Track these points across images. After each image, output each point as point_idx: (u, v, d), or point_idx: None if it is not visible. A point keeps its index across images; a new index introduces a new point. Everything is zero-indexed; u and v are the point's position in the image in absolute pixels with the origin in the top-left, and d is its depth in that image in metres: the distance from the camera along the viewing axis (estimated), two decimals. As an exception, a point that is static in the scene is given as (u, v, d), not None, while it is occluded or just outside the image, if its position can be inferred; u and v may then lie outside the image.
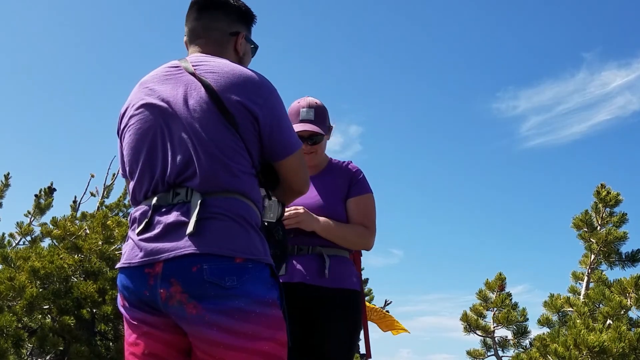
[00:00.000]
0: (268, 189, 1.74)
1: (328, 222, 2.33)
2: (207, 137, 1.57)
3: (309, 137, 2.39)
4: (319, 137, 2.42)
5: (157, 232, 1.55)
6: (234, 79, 1.62)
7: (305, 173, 1.80)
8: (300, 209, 2.27)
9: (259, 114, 1.61)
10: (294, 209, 2.25)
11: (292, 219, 2.22)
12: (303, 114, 2.40)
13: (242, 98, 1.60)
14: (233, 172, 1.58)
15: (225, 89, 1.60)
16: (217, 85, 1.60)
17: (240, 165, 1.59)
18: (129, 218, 1.69)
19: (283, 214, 1.80)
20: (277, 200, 1.76)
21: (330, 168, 2.51)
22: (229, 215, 1.54)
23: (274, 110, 1.66)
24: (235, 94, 1.60)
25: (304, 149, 2.29)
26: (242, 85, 1.62)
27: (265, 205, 1.72)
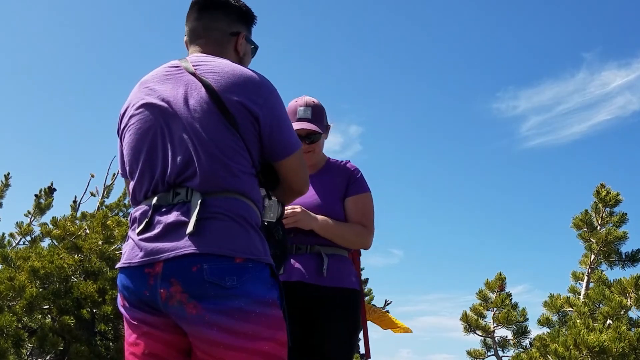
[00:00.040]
0: (268, 189, 1.74)
1: (326, 220, 2.33)
2: (207, 137, 1.57)
3: (307, 135, 2.39)
4: (317, 136, 2.42)
5: (157, 232, 1.55)
6: (235, 79, 1.62)
7: (305, 173, 1.80)
8: (298, 208, 2.27)
9: (260, 114, 1.61)
10: (291, 208, 2.25)
11: (289, 219, 2.22)
12: (300, 113, 2.40)
13: (242, 98, 1.60)
14: (233, 172, 1.58)
15: (226, 89, 1.60)
16: (217, 85, 1.60)
17: (241, 165, 1.59)
18: (129, 218, 1.69)
19: (283, 214, 1.80)
20: (277, 200, 1.76)
21: (328, 167, 2.51)
22: (229, 215, 1.54)
23: (274, 110, 1.66)
24: (236, 94, 1.60)
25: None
26: (242, 85, 1.61)
27: (265, 205, 1.72)
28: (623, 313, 5.42)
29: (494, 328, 7.18)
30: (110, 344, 4.76)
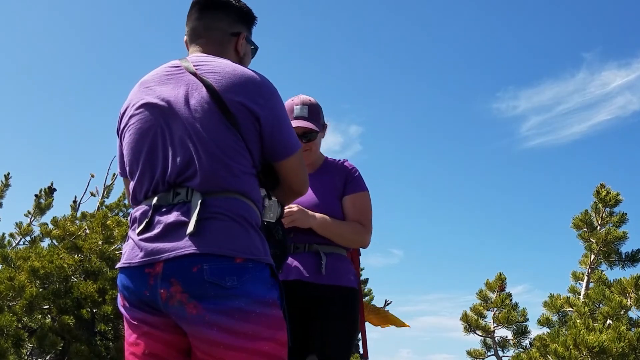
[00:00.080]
0: (268, 189, 1.74)
1: (325, 218, 2.32)
2: (208, 136, 1.56)
3: (303, 134, 2.38)
4: (313, 134, 2.41)
5: (157, 232, 1.55)
6: (236, 79, 1.62)
7: (305, 174, 1.80)
8: (294, 207, 2.26)
9: (261, 114, 1.61)
10: (288, 208, 2.25)
11: (286, 218, 2.21)
12: (297, 111, 2.40)
13: (243, 98, 1.60)
14: (234, 172, 1.58)
15: (227, 89, 1.60)
16: (218, 86, 1.60)
17: (241, 166, 1.59)
18: (129, 218, 1.69)
19: (282, 214, 1.80)
20: (277, 201, 1.76)
21: (326, 166, 2.51)
22: (229, 215, 1.54)
23: (275, 111, 1.66)
24: (237, 94, 1.59)
25: None
26: (243, 86, 1.61)
27: (265, 205, 1.72)
28: (623, 313, 5.42)
29: (494, 328, 7.18)
30: (110, 344, 4.76)
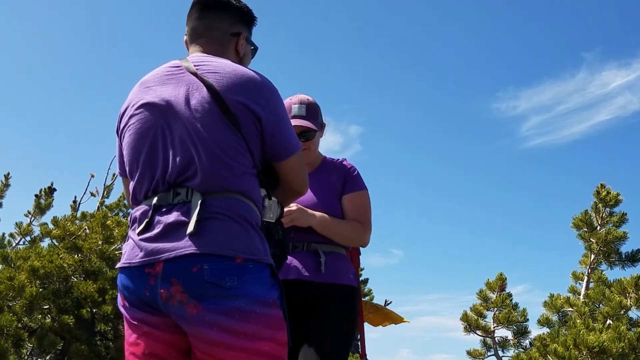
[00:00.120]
0: (268, 189, 1.74)
1: (325, 217, 2.32)
2: (208, 136, 1.56)
3: (301, 133, 2.37)
4: (312, 133, 2.41)
5: (157, 232, 1.55)
6: (236, 80, 1.62)
7: (305, 174, 1.80)
8: (293, 207, 2.26)
9: (262, 115, 1.61)
10: (287, 207, 2.25)
11: (285, 217, 2.21)
12: (295, 110, 2.40)
13: (244, 98, 1.60)
14: (234, 172, 1.58)
15: (228, 90, 1.60)
16: (219, 86, 1.60)
17: (242, 166, 1.59)
18: (129, 218, 1.68)
19: (282, 214, 1.80)
20: (276, 201, 1.76)
21: (325, 165, 2.51)
22: (229, 215, 1.54)
23: (276, 111, 1.66)
24: (238, 95, 1.59)
25: None
26: (244, 86, 1.61)
27: (265, 205, 1.72)
28: (623, 313, 5.43)
29: (494, 328, 7.18)
30: (110, 344, 4.76)
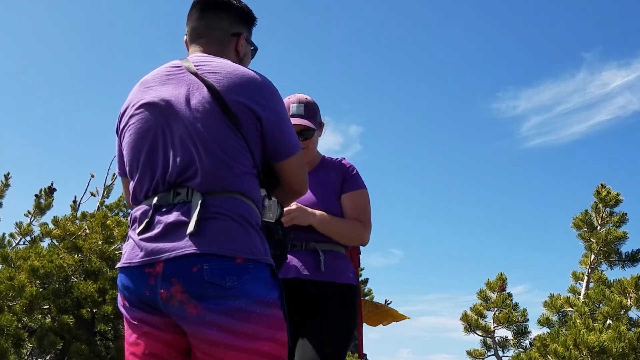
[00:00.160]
0: (268, 189, 1.74)
1: (324, 215, 2.32)
2: (209, 136, 1.56)
3: (300, 132, 2.36)
4: (310, 132, 2.41)
5: (157, 231, 1.55)
6: (237, 80, 1.62)
7: (305, 174, 1.80)
8: (293, 206, 2.25)
9: (262, 115, 1.61)
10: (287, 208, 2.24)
11: (285, 217, 2.21)
12: (293, 109, 2.40)
13: (245, 99, 1.60)
14: (234, 172, 1.58)
15: (228, 90, 1.59)
16: (219, 86, 1.60)
17: (242, 165, 1.59)
18: (130, 217, 1.68)
19: (282, 215, 1.80)
20: (276, 201, 1.76)
21: (323, 165, 2.50)
22: (230, 215, 1.54)
23: (277, 111, 1.66)
24: (238, 95, 1.59)
25: None
26: (244, 86, 1.61)
27: (265, 205, 1.72)
28: (623, 313, 5.43)
29: (494, 328, 7.18)
30: (110, 344, 4.76)
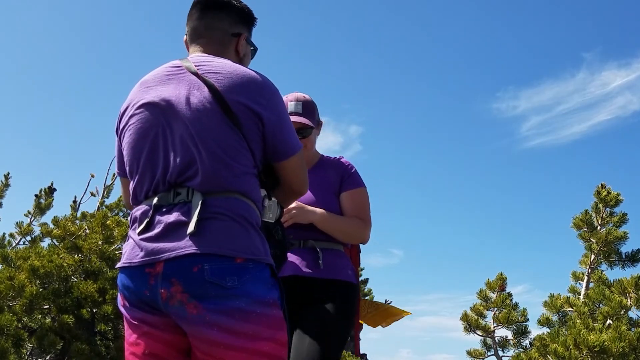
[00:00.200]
0: (268, 189, 1.74)
1: (325, 213, 2.32)
2: (209, 136, 1.56)
3: (298, 130, 2.34)
4: (308, 130, 2.41)
5: (157, 231, 1.54)
6: (237, 80, 1.62)
7: (305, 174, 1.80)
8: (293, 204, 2.25)
9: (263, 115, 1.61)
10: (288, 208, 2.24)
11: (285, 215, 2.20)
12: (291, 107, 2.40)
13: (245, 99, 1.60)
14: (235, 172, 1.58)
15: (229, 90, 1.59)
16: (220, 86, 1.60)
17: (242, 166, 1.59)
18: (130, 217, 1.68)
19: (282, 215, 1.80)
20: (276, 201, 1.76)
21: (322, 163, 2.50)
22: (230, 215, 1.54)
23: (277, 111, 1.66)
24: (239, 95, 1.59)
25: None
26: (245, 86, 1.61)
27: (265, 205, 1.71)
28: (623, 313, 5.43)
29: (494, 328, 7.18)
30: (110, 344, 4.76)
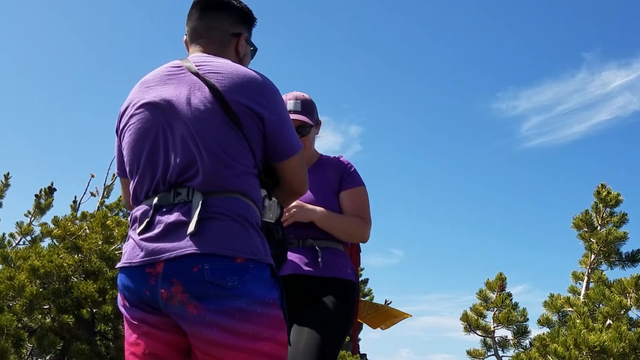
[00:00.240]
0: (268, 189, 1.74)
1: (325, 212, 2.32)
2: (210, 136, 1.56)
3: (297, 128, 2.34)
4: (307, 128, 2.41)
5: (158, 231, 1.54)
6: (238, 80, 1.62)
7: (305, 173, 1.80)
8: (293, 204, 2.25)
9: (264, 115, 1.61)
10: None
11: (285, 214, 2.20)
12: (290, 105, 2.40)
13: (246, 99, 1.60)
14: (235, 172, 1.58)
15: (229, 90, 1.59)
16: (221, 86, 1.60)
17: (243, 166, 1.59)
18: (130, 217, 1.68)
19: (282, 215, 1.80)
20: (277, 201, 1.76)
21: (321, 163, 2.50)
22: (230, 215, 1.54)
23: (278, 111, 1.66)
24: (240, 95, 1.59)
25: None
26: (245, 86, 1.61)
27: (265, 205, 1.71)
28: (623, 313, 5.43)
29: (494, 328, 7.18)
30: (111, 344, 4.76)
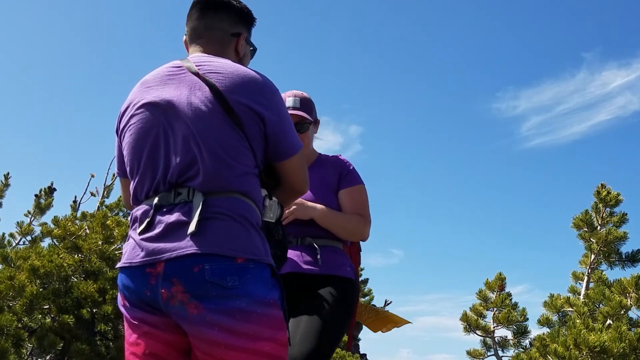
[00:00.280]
0: (269, 189, 1.74)
1: (325, 209, 2.32)
2: (211, 136, 1.56)
3: (295, 124, 2.32)
4: (305, 125, 2.41)
5: (158, 231, 1.55)
6: (238, 80, 1.62)
7: (306, 173, 1.80)
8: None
9: (265, 115, 1.61)
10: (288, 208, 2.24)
11: (285, 212, 2.20)
12: (289, 103, 2.41)
13: (246, 99, 1.60)
14: (236, 172, 1.58)
15: (230, 90, 1.60)
16: (221, 86, 1.60)
17: (243, 165, 1.59)
18: (130, 217, 1.68)
19: (282, 215, 1.80)
20: (277, 201, 1.76)
21: (320, 162, 2.51)
22: (230, 215, 1.54)
23: (278, 111, 1.66)
24: (240, 95, 1.60)
25: None
26: (246, 86, 1.61)
27: (266, 205, 1.72)
28: (623, 313, 5.43)
29: (494, 328, 7.18)
30: (111, 344, 4.76)
